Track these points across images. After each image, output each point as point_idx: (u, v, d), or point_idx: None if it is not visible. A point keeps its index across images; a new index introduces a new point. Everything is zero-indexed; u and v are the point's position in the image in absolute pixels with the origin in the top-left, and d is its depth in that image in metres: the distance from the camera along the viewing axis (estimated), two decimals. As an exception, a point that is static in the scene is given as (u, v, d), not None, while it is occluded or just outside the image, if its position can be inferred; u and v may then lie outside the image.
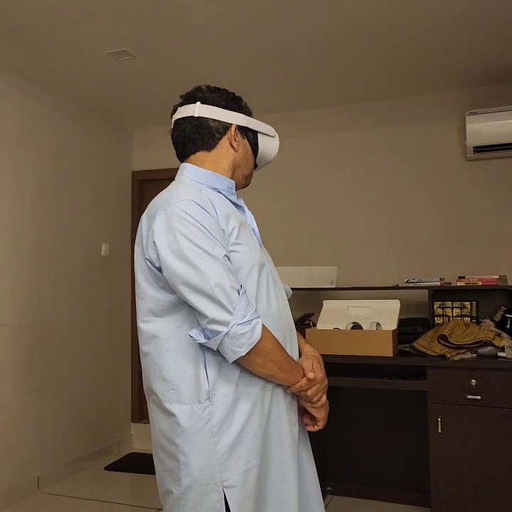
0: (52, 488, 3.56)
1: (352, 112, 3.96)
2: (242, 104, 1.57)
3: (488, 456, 2.73)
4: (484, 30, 2.88)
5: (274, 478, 1.39)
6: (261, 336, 1.30)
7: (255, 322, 1.29)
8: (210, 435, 1.32)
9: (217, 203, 1.39)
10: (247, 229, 1.47)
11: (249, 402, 1.35)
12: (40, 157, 3.64)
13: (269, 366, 1.34)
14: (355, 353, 2.99)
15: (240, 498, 1.32)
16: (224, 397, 1.33)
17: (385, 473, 3.40)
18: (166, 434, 1.37)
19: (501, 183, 3.58)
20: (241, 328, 1.27)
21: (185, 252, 1.29)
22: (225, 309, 1.27)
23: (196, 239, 1.29)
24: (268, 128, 1.60)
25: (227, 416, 1.33)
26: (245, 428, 1.34)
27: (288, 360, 1.40)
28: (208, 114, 1.49)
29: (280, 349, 1.37)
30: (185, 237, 1.29)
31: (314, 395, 1.44)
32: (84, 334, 3.97)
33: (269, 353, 1.33)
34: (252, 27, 2.84)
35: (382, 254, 3.81)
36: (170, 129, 1.58)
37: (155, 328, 1.38)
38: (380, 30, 2.88)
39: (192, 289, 1.29)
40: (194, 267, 1.28)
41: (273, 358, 1.34)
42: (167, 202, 1.36)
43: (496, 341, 2.87)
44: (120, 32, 2.88)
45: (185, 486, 1.33)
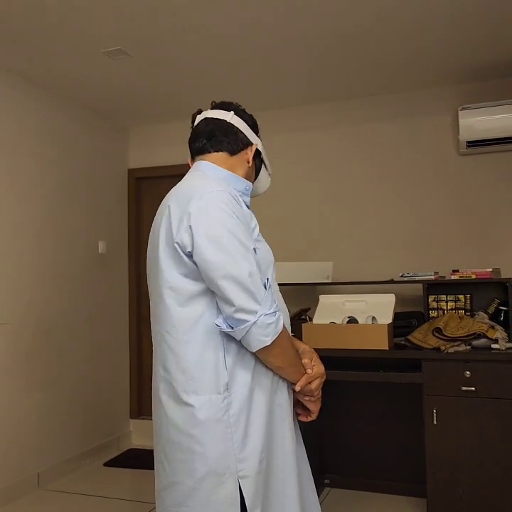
0: (52, 484, 3.59)
1: (345, 109, 3.99)
2: (259, 133, 1.67)
3: (483, 447, 2.77)
4: (476, 25, 2.90)
5: (277, 470, 1.42)
6: (282, 328, 1.37)
7: (279, 314, 1.36)
8: (227, 425, 1.35)
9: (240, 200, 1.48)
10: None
11: (263, 392, 1.41)
12: (36, 156, 3.65)
13: (282, 358, 1.40)
14: (351, 347, 3.02)
15: (253, 487, 1.36)
16: (241, 388, 1.37)
17: (382, 465, 3.44)
18: (180, 426, 1.37)
19: (494, 178, 3.61)
20: (268, 319, 1.33)
21: (222, 240, 1.32)
22: (254, 299, 1.32)
23: (233, 229, 1.34)
24: (269, 165, 1.72)
25: (244, 406, 1.37)
26: (259, 418, 1.39)
27: (296, 356, 1.47)
28: (238, 125, 1.58)
29: (292, 344, 1.45)
30: (223, 225, 1.33)
31: (317, 389, 1.51)
32: (82, 331, 3.99)
33: (285, 345, 1.39)
34: (246, 26, 2.85)
35: (377, 249, 3.84)
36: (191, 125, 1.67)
37: (176, 316, 1.39)
38: (372, 27, 2.91)
39: (226, 276, 1.32)
40: (230, 255, 1.32)
41: (287, 351, 1.41)
42: (203, 189, 1.39)
43: (489, 333, 2.90)
44: (115, 31, 2.89)
45: (201, 476, 1.34)
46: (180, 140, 4.45)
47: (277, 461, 1.43)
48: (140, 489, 3.54)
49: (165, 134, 4.50)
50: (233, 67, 3.40)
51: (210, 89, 3.75)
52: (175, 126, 4.47)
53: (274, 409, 1.44)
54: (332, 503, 3.26)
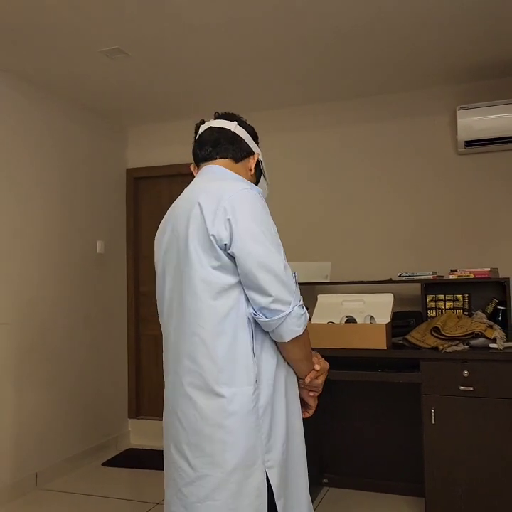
0: (50, 484, 3.59)
1: (343, 108, 3.99)
2: (259, 145, 1.74)
3: (481, 446, 2.77)
4: (474, 25, 2.91)
5: (293, 461, 1.50)
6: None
7: (305, 308, 1.45)
8: (257, 417, 1.40)
9: None
10: None
11: (282, 385, 1.48)
12: (34, 155, 3.65)
13: (304, 350, 1.49)
14: (350, 347, 3.02)
15: (278, 477, 1.42)
16: (268, 380, 1.44)
17: (380, 464, 3.44)
18: (211, 417, 1.39)
19: (492, 177, 3.62)
20: (301, 309, 1.42)
21: (260, 233, 1.39)
22: (289, 291, 1.39)
23: (268, 223, 1.44)
24: (267, 175, 1.79)
25: (270, 397, 1.43)
26: (282, 409, 1.46)
27: (311, 350, 1.56)
28: (242, 134, 1.65)
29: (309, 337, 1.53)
30: (260, 219, 1.41)
31: (322, 384, 1.59)
32: (80, 331, 3.99)
33: (307, 338, 1.49)
34: (245, 26, 2.85)
35: (376, 249, 3.84)
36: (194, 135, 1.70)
37: (208, 309, 1.41)
38: (370, 27, 2.91)
39: (264, 267, 1.38)
40: (267, 247, 1.39)
41: (307, 344, 1.50)
42: (235, 187, 1.45)
43: (487, 333, 2.91)
44: (114, 30, 2.89)
45: (232, 468, 1.37)
46: (179, 140, 4.45)
47: (293, 451, 1.50)
48: (138, 489, 3.54)
49: (163, 134, 4.50)
50: (232, 66, 3.40)
51: (209, 89, 3.75)
52: (173, 126, 4.47)
53: (290, 401, 1.51)
54: (330, 503, 3.26)
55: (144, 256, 4.59)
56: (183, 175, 4.41)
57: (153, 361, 4.52)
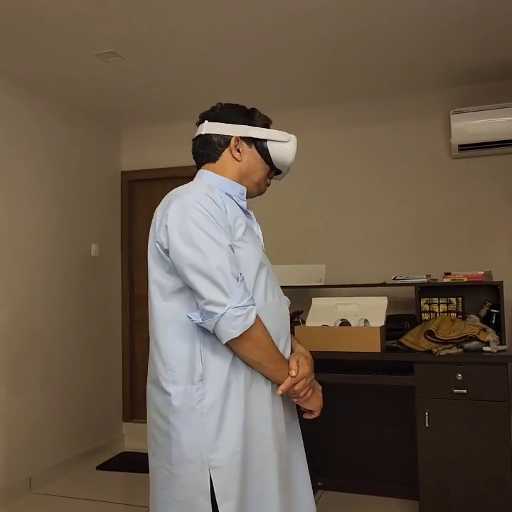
0: (44, 488, 3.57)
1: (338, 112, 4.00)
2: (256, 115, 1.68)
3: (475, 449, 2.78)
4: (468, 29, 2.92)
5: (255, 468, 1.44)
6: (254, 322, 1.39)
7: (250, 308, 1.40)
8: (200, 415, 1.41)
9: (227, 204, 1.52)
10: (253, 232, 1.60)
11: (239, 388, 1.44)
12: (28, 158, 3.64)
13: (257, 353, 1.43)
14: (344, 350, 3.03)
15: (225, 479, 1.39)
16: (217, 381, 1.42)
17: (375, 467, 3.45)
18: (161, 412, 1.47)
19: (486, 181, 3.64)
20: (236, 311, 1.37)
21: (193, 237, 1.40)
22: (223, 292, 1.38)
23: (205, 226, 1.41)
24: (279, 134, 1.66)
25: (219, 399, 1.41)
26: (235, 412, 1.42)
27: (277, 353, 1.47)
28: (211, 130, 1.61)
29: (270, 340, 1.45)
30: (195, 223, 1.41)
31: (301, 390, 1.51)
32: (74, 334, 3.98)
33: (258, 340, 1.42)
34: (243, 28, 2.86)
35: (370, 252, 3.85)
36: None
37: (160, 311, 1.49)
38: (367, 32, 2.92)
39: (195, 270, 1.40)
40: (200, 250, 1.40)
41: (262, 346, 1.43)
42: (183, 193, 1.49)
43: (481, 336, 2.92)
44: (108, 33, 2.89)
45: (176, 463, 1.42)
46: (173, 142, 4.45)
47: (255, 458, 1.44)
48: (133, 493, 3.53)
49: (158, 137, 4.50)
50: (227, 69, 3.41)
51: (204, 91, 3.76)
52: (168, 129, 4.47)
53: (253, 407, 1.46)
54: (325, 506, 3.26)
55: (139, 258, 4.58)
56: (177, 178, 4.40)
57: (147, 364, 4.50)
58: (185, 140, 4.42)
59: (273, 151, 1.64)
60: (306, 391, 1.52)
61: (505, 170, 3.59)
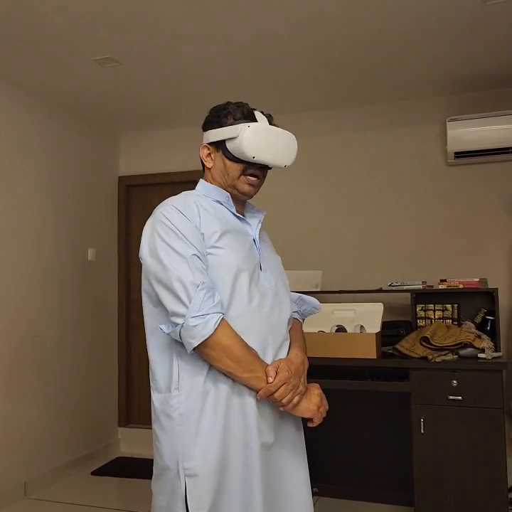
0: (39, 493, 3.56)
1: (335, 118, 4.02)
2: (224, 113, 1.58)
3: (470, 456, 2.79)
4: (464, 39, 2.95)
5: (236, 478, 1.41)
6: (214, 330, 1.37)
7: (210, 317, 1.37)
8: (177, 423, 1.43)
9: (207, 210, 1.53)
10: (239, 237, 1.55)
11: (219, 397, 1.43)
12: (25, 162, 3.64)
13: (225, 362, 1.40)
14: (340, 356, 3.04)
15: (199, 488, 1.38)
16: (192, 390, 1.43)
17: (370, 473, 3.45)
18: (152, 419, 1.53)
19: (481, 188, 3.66)
20: (194, 321, 1.37)
21: (157, 250, 1.45)
22: (182, 303, 1.38)
23: (168, 239, 1.44)
24: (229, 131, 1.54)
25: (196, 408, 1.42)
26: (213, 421, 1.41)
27: (250, 361, 1.42)
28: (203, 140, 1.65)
29: (240, 348, 1.41)
30: (160, 237, 1.45)
31: (282, 397, 1.43)
32: (71, 339, 3.98)
33: (225, 348, 1.39)
34: (238, 35, 2.88)
35: (366, 258, 3.86)
36: None
37: (147, 320, 1.56)
38: (364, 39, 2.94)
39: (159, 283, 1.44)
40: (162, 263, 1.43)
41: (229, 355, 1.39)
42: (158, 207, 1.54)
43: (476, 343, 2.93)
44: (106, 39, 2.91)
45: (159, 468, 1.47)
46: (171, 148, 4.46)
47: (237, 469, 1.41)
48: (128, 498, 3.52)
49: (155, 142, 4.51)
50: (227, 74, 3.42)
51: (202, 97, 3.77)
52: (165, 134, 4.48)
53: (235, 417, 1.43)
54: (320, 512, 3.26)
55: (135, 263, 4.58)
56: (174, 183, 4.42)
57: (144, 369, 4.50)
58: (182, 145, 4.47)
59: (231, 149, 1.54)
60: (289, 398, 1.44)
61: (500, 177, 3.61)
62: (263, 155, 1.53)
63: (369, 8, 2.63)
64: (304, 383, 1.51)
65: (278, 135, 1.57)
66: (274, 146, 1.56)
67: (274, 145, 1.56)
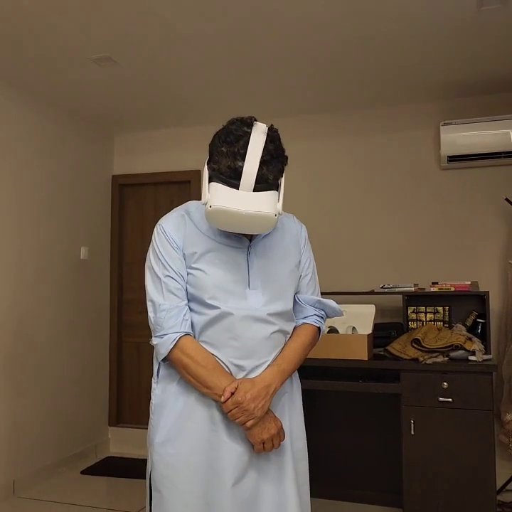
0: (27, 492, 3.54)
1: (327, 122, 4.04)
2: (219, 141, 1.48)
3: (459, 457, 2.81)
4: (458, 43, 2.97)
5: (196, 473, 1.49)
6: (170, 349, 1.49)
7: (168, 337, 1.49)
8: (151, 411, 1.58)
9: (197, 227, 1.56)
10: (226, 255, 1.52)
11: (187, 401, 1.53)
12: (19, 160, 3.63)
13: (186, 377, 1.51)
14: (332, 357, 3.05)
15: (156, 472, 1.52)
16: (166, 388, 1.56)
17: (360, 475, 3.46)
18: None
19: (474, 192, 3.69)
20: (155, 340, 1.53)
21: (147, 269, 1.60)
22: (152, 322, 1.54)
23: (151, 262, 1.57)
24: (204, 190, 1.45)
25: (166, 404, 1.54)
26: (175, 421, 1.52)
27: (207, 379, 1.47)
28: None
29: (197, 366, 1.48)
30: (148, 259, 1.60)
31: (234, 418, 1.45)
32: (63, 338, 3.96)
33: (185, 366, 1.49)
34: (233, 37, 2.89)
35: (359, 261, 3.88)
36: None
37: None
38: (356, 44, 2.96)
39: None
40: (147, 284, 1.57)
41: (189, 372, 1.49)
42: (159, 221, 1.65)
43: (467, 345, 2.95)
44: (103, 38, 2.90)
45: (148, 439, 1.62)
46: (165, 148, 4.46)
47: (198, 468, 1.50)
48: (118, 498, 3.51)
49: (150, 142, 4.51)
50: (220, 75, 3.43)
51: (197, 97, 3.78)
52: (160, 134, 4.49)
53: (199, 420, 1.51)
54: (310, 513, 3.26)
55: (128, 263, 4.58)
56: (169, 183, 4.42)
57: (135, 368, 4.50)
58: (176, 145, 4.47)
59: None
60: (240, 420, 1.44)
61: (492, 181, 3.64)
62: (227, 228, 1.42)
63: (364, 14, 2.65)
64: (262, 408, 1.45)
65: (233, 217, 1.39)
66: (239, 224, 1.40)
67: (239, 223, 1.40)
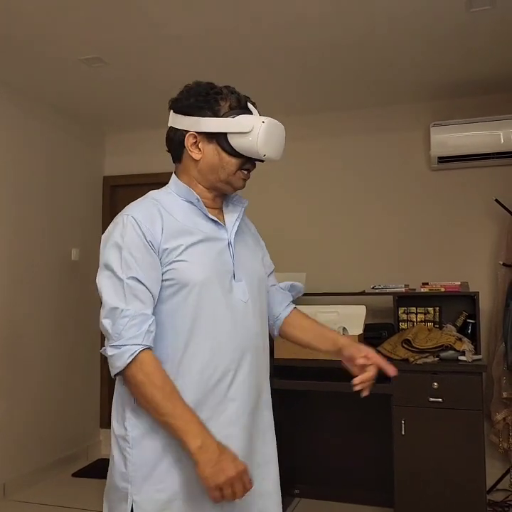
0: (18, 495, 3.52)
1: (318, 122, 4.04)
2: (219, 98, 1.43)
3: (450, 457, 2.82)
4: (448, 46, 2.99)
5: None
6: (127, 363, 1.22)
7: (126, 348, 1.22)
8: (130, 445, 1.29)
9: (174, 218, 1.36)
10: (210, 246, 1.37)
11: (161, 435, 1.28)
12: (10, 160, 3.61)
13: (138, 399, 1.25)
14: (322, 357, 3.04)
15: None
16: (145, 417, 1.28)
17: (351, 475, 3.47)
18: None
19: (463, 193, 3.70)
20: (110, 350, 1.24)
21: (100, 262, 1.41)
22: (108, 329, 1.26)
23: (110, 261, 1.35)
24: (237, 125, 1.37)
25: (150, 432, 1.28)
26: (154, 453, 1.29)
27: (163, 403, 1.21)
28: (173, 123, 1.44)
29: (156, 387, 1.22)
30: (104, 257, 1.39)
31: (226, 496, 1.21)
32: (53, 339, 3.95)
33: (138, 385, 1.22)
34: (222, 38, 2.89)
35: (350, 261, 3.89)
36: None
37: None
38: (347, 44, 2.97)
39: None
40: (100, 285, 1.38)
41: (141, 392, 1.22)
42: (123, 212, 1.38)
43: (457, 345, 2.97)
44: (94, 39, 2.90)
45: (110, 486, 1.35)
46: (156, 149, 4.42)
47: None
48: (109, 500, 3.50)
49: (141, 143, 4.50)
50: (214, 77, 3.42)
51: (187, 99, 3.77)
52: (151, 135, 4.47)
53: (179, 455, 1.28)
54: (301, 513, 3.27)
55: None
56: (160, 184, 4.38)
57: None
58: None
59: (236, 144, 1.37)
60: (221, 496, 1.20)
61: (482, 182, 3.66)
62: (272, 152, 1.41)
63: (355, 14, 2.66)
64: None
65: (282, 130, 1.46)
66: (279, 141, 1.45)
67: (279, 141, 1.45)
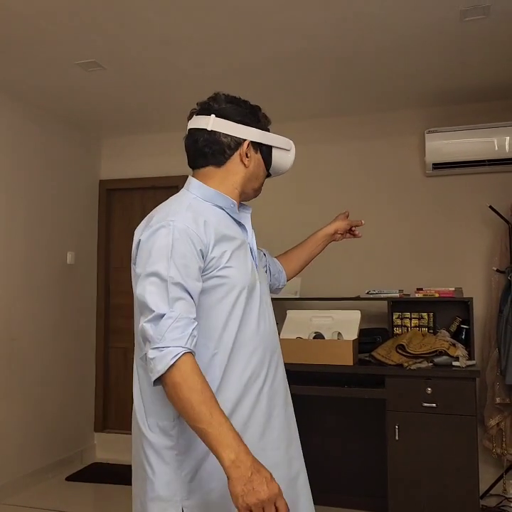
0: (12, 499, 3.51)
1: (314, 127, 4.06)
2: (260, 114, 1.56)
3: (444, 462, 2.83)
4: (444, 53, 3.01)
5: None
6: (169, 366, 1.18)
7: (168, 351, 1.19)
8: (177, 452, 1.29)
9: (213, 225, 1.35)
10: (244, 249, 1.42)
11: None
12: (6, 164, 3.62)
13: (176, 403, 1.20)
14: (317, 362, 3.07)
15: None
16: None
17: (345, 479, 3.47)
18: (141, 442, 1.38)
19: (458, 199, 3.73)
20: (152, 353, 1.20)
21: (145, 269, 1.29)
22: (149, 331, 1.23)
23: (158, 262, 1.28)
24: (284, 141, 1.57)
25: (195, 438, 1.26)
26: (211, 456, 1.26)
27: (199, 407, 1.17)
28: (221, 128, 1.44)
29: (193, 389, 1.18)
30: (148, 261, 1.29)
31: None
32: (48, 343, 3.94)
33: (176, 386, 1.18)
34: (219, 42, 2.91)
35: (345, 266, 3.90)
36: (184, 135, 1.54)
37: None
38: (343, 51, 2.99)
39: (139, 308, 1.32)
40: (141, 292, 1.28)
41: (178, 393, 1.19)
42: (162, 218, 1.33)
43: (450, 351, 2.98)
44: (89, 43, 2.91)
45: (149, 498, 1.31)
46: (153, 153, 4.46)
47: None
48: (103, 504, 3.50)
49: (137, 147, 4.51)
50: (206, 81, 3.45)
51: (184, 103, 3.78)
52: (147, 139, 4.49)
53: None
54: (295, 518, 3.26)
55: (115, 268, 4.57)
56: (156, 188, 4.42)
57: (121, 374, 4.48)
58: (164, 151, 4.48)
59: (276, 159, 1.54)
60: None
61: (476, 189, 3.68)
62: (287, 167, 1.60)
63: (351, 23, 2.68)
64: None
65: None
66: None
67: None
